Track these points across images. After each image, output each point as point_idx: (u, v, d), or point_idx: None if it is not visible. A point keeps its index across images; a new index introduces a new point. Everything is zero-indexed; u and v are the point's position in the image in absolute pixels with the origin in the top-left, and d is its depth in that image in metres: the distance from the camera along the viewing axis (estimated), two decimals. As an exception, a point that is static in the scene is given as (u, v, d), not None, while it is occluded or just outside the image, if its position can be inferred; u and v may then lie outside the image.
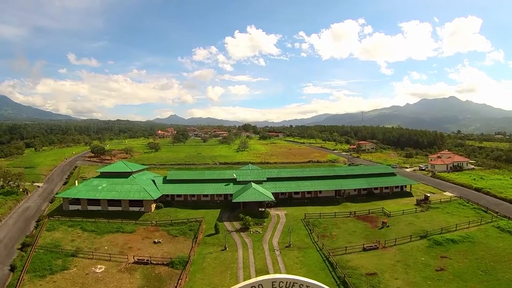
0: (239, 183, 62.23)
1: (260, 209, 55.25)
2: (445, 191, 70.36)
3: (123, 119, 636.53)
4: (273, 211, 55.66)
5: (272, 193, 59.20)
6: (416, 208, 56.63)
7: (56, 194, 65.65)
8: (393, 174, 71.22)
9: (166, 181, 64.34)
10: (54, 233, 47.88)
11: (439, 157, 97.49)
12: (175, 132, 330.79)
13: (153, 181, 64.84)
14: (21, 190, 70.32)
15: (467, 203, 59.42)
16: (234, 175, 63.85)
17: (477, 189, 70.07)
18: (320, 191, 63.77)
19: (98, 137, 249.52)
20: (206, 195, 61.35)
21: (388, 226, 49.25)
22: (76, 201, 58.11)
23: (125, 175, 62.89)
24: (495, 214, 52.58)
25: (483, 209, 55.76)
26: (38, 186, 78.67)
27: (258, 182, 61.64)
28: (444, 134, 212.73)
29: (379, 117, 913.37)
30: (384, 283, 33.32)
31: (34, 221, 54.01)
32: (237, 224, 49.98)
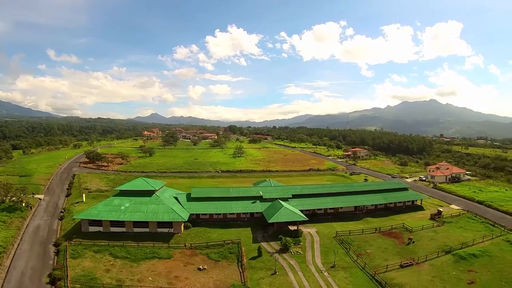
0: (266, 200, 63.65)
1: (290, 227, 56.64)
2: (450, 204, 75.71)
3: (104, 117, 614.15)
4: (303, 229, 57.26)
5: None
6: (433, 223, 60.91)
7: (74, 215, 60.98)
8: (405, 189, 75.84)
9: (190, 199, 63.62)
10: (82, 261, 44.05)
11: (437, 168, 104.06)
12: (160, 132, 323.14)
13: (176, 198, 63.57)
14: (24, 205, 65.94)
15: (475, 217, 64.60)
16: (260, 192, 64.82)
17: (479, 202, 76.10)
18: (341, 207, 66.37)
19: (84, 138, 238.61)
20: (233, 213, 61.44)
21: (413, 242, 52.89)
22: (96, 221, 55.01)
23: (147, 193, 60.72)
24: (503, 228, 57.74)
25: (491, 223, 61.10)
26: (40, 199, 74.20)
27: (284, 199, 63.26)
28: (431, 140, 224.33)
29: (361, 119, 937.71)
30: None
31: (51, 244, 50.14)
32: (274, 245, 51.13)
